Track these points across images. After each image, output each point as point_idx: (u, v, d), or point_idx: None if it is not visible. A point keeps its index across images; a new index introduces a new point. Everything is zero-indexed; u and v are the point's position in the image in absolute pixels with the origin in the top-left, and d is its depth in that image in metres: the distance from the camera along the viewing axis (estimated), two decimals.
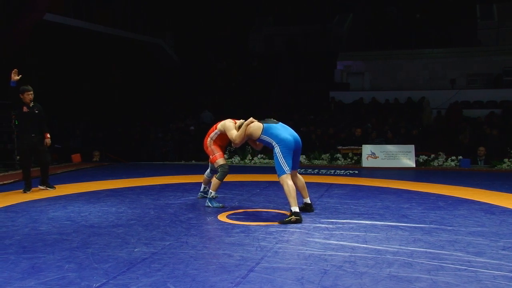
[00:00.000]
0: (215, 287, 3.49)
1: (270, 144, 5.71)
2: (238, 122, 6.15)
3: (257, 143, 6.00)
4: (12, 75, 7.23)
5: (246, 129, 5.84)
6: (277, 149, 5.58)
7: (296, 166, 5.84)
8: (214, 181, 6.43)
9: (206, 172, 6.90)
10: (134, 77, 18.98)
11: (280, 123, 5.89)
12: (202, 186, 7.07)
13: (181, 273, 3.77)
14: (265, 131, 5.73)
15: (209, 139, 6.54)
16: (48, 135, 7.77)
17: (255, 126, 5.80)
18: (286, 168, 5.53)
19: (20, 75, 7.31)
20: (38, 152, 7.74)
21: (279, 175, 5.57)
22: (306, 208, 6.01)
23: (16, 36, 12.62)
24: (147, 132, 15.21)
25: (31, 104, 7.59)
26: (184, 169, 11.21)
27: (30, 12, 12.53)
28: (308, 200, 6.04)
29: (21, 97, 7.48)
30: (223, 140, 6.55)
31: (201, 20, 21.08)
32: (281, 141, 5.59)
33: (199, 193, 7.11)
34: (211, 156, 6.54)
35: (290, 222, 5.42)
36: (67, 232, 5.11)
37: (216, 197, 6.49)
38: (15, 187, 8.17)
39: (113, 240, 4.74)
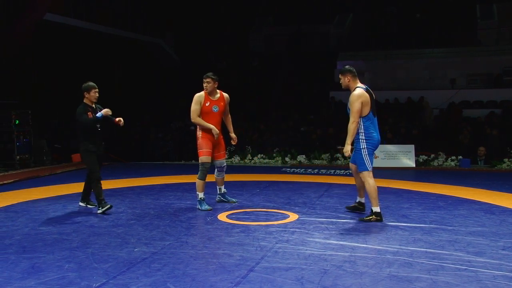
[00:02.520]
0: (215, 287, 3.49)
1: (357, 133, 5.53)
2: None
3: None
4: (104, 111, 6.16)
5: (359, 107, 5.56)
6: (363, 145, 5.49)
7: None
8: (197, 182, 6.17)
9: (215, 172, 6.48)
10: (134, 77, 18.96)
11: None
12: (217, 188, 6.67)
13: (181, 273, 3.77)
14: (367, 118, 5.55)
15: (198, 129, 6.18)
16: (117, 119, 6.44)
17: (366, 105, 5.54)
18: (369, 165, 5.47)
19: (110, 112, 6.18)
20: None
21: (360, 170, 5.53)
22: (358, 207, 5.96)
23: (16, 36, 12.61)
24: (147, 132, 15.20)
25: (94, 106, 6.25)
26: (184, 169, 11.19)
27: (30, 12, 12.52)
28: (362, 200, 5.95)
29: (86, 96, 6.12)
30: (210, 119, 6.10)
31: (201, 20, 21.05)
32: (370, 138, 5.50)
33: (217, 196, 6.69)
34: (198, 151, 6.16)
35: (370, 221, 5.48)
36: (67, 232, 5.11)
37: (203, 198, 6.22)
38: (15, 187, 8.17)
39: (113, 240, 4.74)
